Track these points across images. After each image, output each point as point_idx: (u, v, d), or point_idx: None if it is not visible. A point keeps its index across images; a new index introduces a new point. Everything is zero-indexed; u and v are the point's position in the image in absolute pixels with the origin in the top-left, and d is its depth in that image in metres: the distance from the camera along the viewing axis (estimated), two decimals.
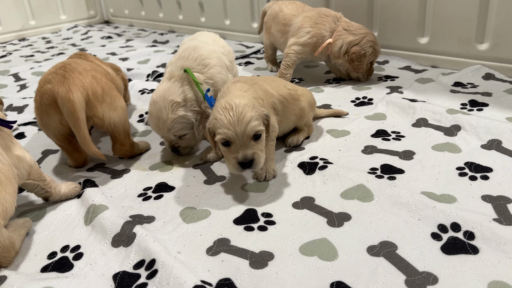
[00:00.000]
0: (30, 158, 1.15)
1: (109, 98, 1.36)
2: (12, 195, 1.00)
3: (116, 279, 0.92)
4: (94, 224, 1.10)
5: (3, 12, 3.80)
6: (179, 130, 1.38)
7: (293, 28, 2.03)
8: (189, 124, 1.39)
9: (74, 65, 1.37)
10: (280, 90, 1.37)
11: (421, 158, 1.29)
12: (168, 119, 1.35)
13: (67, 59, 1.56)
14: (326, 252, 0.94)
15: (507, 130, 1.36)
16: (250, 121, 1.09)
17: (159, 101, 1.36)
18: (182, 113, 1.36)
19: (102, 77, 1.40)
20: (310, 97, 1.49)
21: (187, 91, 1.39)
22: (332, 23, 1.96)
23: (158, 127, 1.38)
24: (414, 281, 0.84)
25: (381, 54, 2.34)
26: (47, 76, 1.35)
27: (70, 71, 1.33)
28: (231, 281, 0.88)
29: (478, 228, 0.94)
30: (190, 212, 1.14)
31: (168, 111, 1.35)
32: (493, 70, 1.92)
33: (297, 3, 2.16)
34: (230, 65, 1.65)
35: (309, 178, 1.24)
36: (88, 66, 1.41)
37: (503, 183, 1.13)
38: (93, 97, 1.31)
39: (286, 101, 1.37)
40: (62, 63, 1.40)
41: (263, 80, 1.38)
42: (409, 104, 1.62)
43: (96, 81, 1.35)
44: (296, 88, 1.46)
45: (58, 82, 1.29)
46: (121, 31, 3.94)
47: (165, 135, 1.41)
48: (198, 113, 1.40)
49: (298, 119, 1.44)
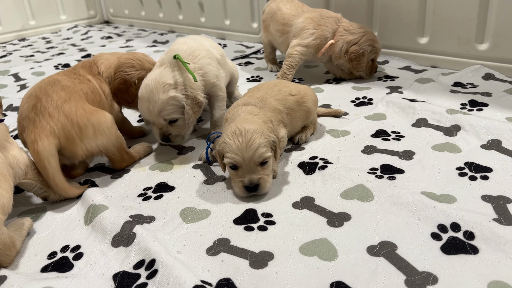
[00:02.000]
0: (27, 157, 1.15)
1: (91, 129, 1.25)
2: (8, 191, 1.01)
3: (116, 279, 0.92)
4: (94, 224, 1.10)
5: (3, 12, 3.80)
6: (169, 114, 1.38)
7: (295, 29, 2.03)
8: (179, 108, 1.38)
9: (45, 102, 1.24)
10: (287, 102, 1.37)
11: (421, 158, 1.29)
12: (159, 100, 1.35)
13: (70, 68, 1.48)
14: (326, 252, 0.94)
15: (507, 130, 1.36)
16: (258, 148, 1.12)
17: (151, 83, 1.37)
18: (173, 94, 1.36)
19: (81, 104, 1.28)
20: (313, 94, 1.50)
21: (177, 76, 1.40)
22: (333, 24, 1.98)
23: (149, 109, 1.38)
24: (414, 281, 0.84)
25: (381, 54, 2.34)
26: (21, 120, 1.26)
27: (40, 113, 1.22)
28: (231, 281, 0.88)
29: (478, 228, 0.95)
30: (190, 212, 1.14)
31: (159, 92, 1.35)
32: (493, 70, 1.92)
33: (296, 2, 2.16)
34: (222, 59, 1.65)
35: (309, 178, 1.24)
36: (64, 95, 1.27)
37: (503, 183, 1.13)
38: (68, 141, 1.21)
39: (293, 111, 1.39)
40: (36, 95, 1.27)
41: (269, 94, 1.37)
42: (409, 104, 1.62)
43: (70, 119, 1.22)
44: (299, 89, 1.46)
45: (28, 130, 1.21)
46: (121, 31, 3.94)
47: (155, 120, 1.40)
48: (188, 98, 1.39)
49: (304, 120, 1.46)
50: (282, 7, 2.14)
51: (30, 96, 1.30)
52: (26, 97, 1.31)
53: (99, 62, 1.50)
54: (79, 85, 1.36)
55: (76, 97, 1.30)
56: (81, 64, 1.51)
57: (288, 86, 1.44)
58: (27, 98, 1.30)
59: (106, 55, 1.54)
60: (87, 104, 1.31)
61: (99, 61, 1.50)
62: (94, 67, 1.48)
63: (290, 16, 2.08)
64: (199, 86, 1.44)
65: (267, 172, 1.17)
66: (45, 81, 1.34)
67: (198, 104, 1.41)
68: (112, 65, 1.49)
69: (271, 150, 1.17)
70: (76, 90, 1.33)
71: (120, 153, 1.36)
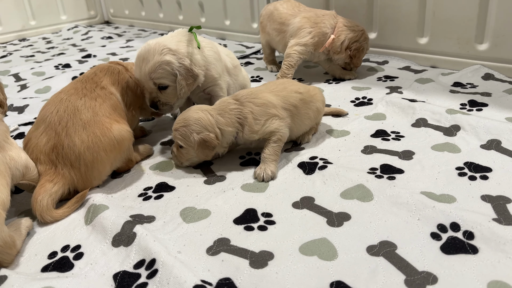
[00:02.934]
0: (26, 159, 1.15)
1: (109, 167, 1.26)
2: (5, 187, 1.01)
3: (117, 278, 0.92)
4: (95, 224, 1.10)
5: (4, 12, 3.80)
6: (160, 78, 1.37)
7: (292, 29, 2.05)
8: (171, 75, 1.38)
9: (67, 148, 1.19)
10: (290, 98, 1.37)
11: (420, 158, 1.29)
12: (153, 61, 1.35)
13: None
14: (326, 252, 0.94)
15: (506, 130, 1.36)
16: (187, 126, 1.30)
17: (152, 44, 1.38)
18: (168, 59, 1.36)
19: (103, 144, 1.22)
20: (322, 95, 1.51)
21: (182, 45, 1.41)
22: (331, 20, 2.03)
23: (140, 68, 1.37)
24: (414, 280, 0.84)
25: (381, 54, 2.36)
26: (36, 150, 1.20)
27: (62, 160, 1.19)
28: (231, 281, 0.88)
29: (478, 228, 0.95)
30: (190, 212, 1.14)
31: (155, 53, 1.36)
32: (492, 70, 1.92)
33: (292, 1, 2.19)
34: (233, 70, 1.67)
35: (309, 178, 1.24)
36: (85, 137, 1.20)
37: (502, 183, 1.14)
38: (85, 184, 1.22)
39: (296, 108, 1.38)
40: (55, 129, 1.21)
41: (269, 89, 1.38)
42: (409, 104, 1.62)
43: (91, 166, 1.21)
44: (308, 88, 1.46)
45: (47, 169, 1.19)
46: (121, 31, 3.94)
47: (145, 81, 1.39)
48: (184, 69, 1.39)
49: (313, 120, 1.47)
50: (279, 7, 2.16)
51: (49, 126, 1.22)
52: (42, 120, 1.24)
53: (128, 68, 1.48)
54: (101, 109, 1.27)
55: (97, 132, 1.22)
56: (105, 70, 1.42)
57: (296, 85, 1.44)
58: (45, 123, 1.23)
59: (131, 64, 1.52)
60: (108, 133, 1.24)
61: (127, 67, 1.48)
62: (123, 75, 1.44)
63: (287, 15, 2.11)
64: (200, 62, 1.45)
65: (182, 152, 1.34)
66: (63, 107, 1.24)
67: (193, 76, 1.41)
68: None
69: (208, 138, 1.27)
70: (98, 119, 1.25)
71: (126, 164, 1.37)
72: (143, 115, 1.61)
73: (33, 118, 1.91)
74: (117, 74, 1.43)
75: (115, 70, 1.44)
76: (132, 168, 1.41)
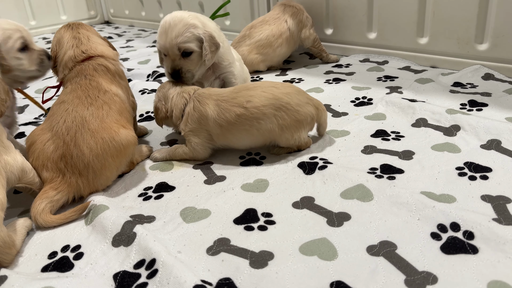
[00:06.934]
0: (22, 162, 1.14)
1: (115, 172, 1.28)
2: (1, 188, 1.02)
3: (117, 278, 0.92)
4: (95, 224, 1.10)
5: (3, 12, 3.80)
6: (186, 42, 1.40)
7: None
8: (197, 41, 1.42)
9: (76, 158, 1.18)
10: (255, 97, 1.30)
11: (420, 158, 1.29)
12: (180, 24, 1.39)
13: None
14: (326, 252, 0.94)
15: (506, 130, 1.36)
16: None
17: (178, 13, 1.44)
18: (195, 22, 1.42)
19: (112, 150, 1.22)
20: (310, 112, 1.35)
21: (204, 18, 1.49)
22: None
23: (166, 34, 1.40)
24: (414, 280, 0.84)
25: (381, 54, 2.35)
26: (43, 156, 1.20)
27: (71, 169, 1.19)
28: (231, 281, 0.88)
29: (478, 228, 0.95)
30: (190, 212, 1.14)
31: (182, 19, 1.41)
32: (492, 70, 1.92)
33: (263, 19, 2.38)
34: (239, 64, 1.75)
35: (309, 178, 1.24)
36: (94, 145, 1.20)
37: (502, 183, 1.14)
38: (91, 189, 1.23)
39: (229, 124, 1.32)
40: (64, 138, 1.21)
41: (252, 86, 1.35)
42: (409, 104, 1.62)
43: (99, 174, 1.22)
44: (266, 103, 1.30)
45: (54, 176, 1.20)
46: (121, 31, 3.94)
47: (169, 47, 1.41)
48: (209, 35, 1.44)
49: (261, 138, 1.34)
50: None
51: (56, 134, 1.21)
52: (48, 128, 1.23)
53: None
54: (108, 116, 1.26)
55: (105, 136, 1.22)
56: (99, 70, 1.36)
57: (275, 86, 1.33)
58: (51, 132, 1.22)
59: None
60: (116, 136, 1.24)
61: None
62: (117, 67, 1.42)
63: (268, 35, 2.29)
64: (219, 36, 1.51)
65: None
66: (71, 118, 1.23)
67: (215, 44, 1.46)
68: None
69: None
70: (106, 125, 1.24)
71: (128, 166, 1.38)
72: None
73: (33, 118, 1.91)
74: (108, 70, 1.38)
75: (103, 67, 1.37)
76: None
